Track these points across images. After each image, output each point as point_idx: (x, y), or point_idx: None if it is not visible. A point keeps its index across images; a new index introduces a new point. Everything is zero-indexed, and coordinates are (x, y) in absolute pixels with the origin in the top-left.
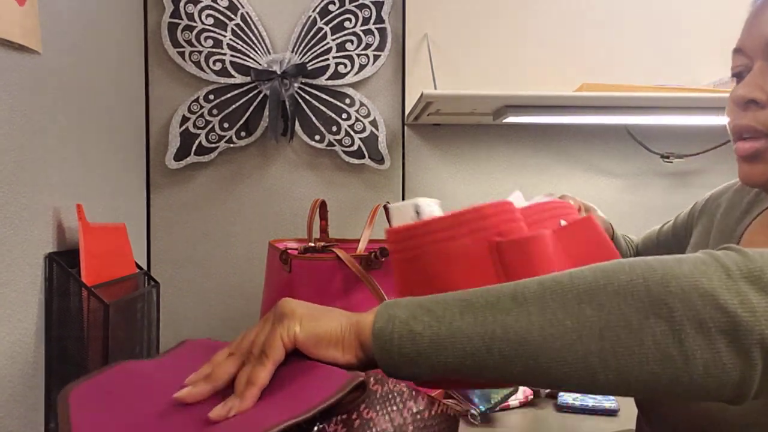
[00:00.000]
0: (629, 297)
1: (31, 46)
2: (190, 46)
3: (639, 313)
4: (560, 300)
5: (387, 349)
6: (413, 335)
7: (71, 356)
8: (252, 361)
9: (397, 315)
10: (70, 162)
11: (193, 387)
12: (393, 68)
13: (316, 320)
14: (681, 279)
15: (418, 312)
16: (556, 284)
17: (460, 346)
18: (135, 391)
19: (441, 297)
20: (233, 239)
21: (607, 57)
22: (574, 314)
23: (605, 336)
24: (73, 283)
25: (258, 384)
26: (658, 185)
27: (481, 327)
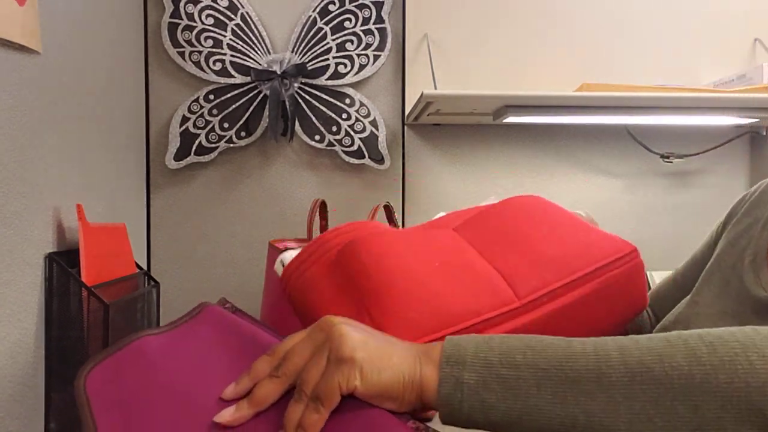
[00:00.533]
0: (728, 403)
1: (31, 46)
2: (190, 46)
3: (735, 420)
4: (651, 393)
5: (455, 416)
6: (485, 407)
7: (71, 356)
8: (304, 400)
9: (465, 380)
10: (70, 162)
11: (236, 411)
12: (393, 68)
13: (377, 372)
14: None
15: (489, 378)
16: (645, 371)
17: (536, 425)
18: (158, 389)
19: (510, 355)
20: (233, 239)
21: (607, 57)
22: (665, 412)
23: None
24: (73, 283)
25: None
26: (658, 185)
27: (561, 408)
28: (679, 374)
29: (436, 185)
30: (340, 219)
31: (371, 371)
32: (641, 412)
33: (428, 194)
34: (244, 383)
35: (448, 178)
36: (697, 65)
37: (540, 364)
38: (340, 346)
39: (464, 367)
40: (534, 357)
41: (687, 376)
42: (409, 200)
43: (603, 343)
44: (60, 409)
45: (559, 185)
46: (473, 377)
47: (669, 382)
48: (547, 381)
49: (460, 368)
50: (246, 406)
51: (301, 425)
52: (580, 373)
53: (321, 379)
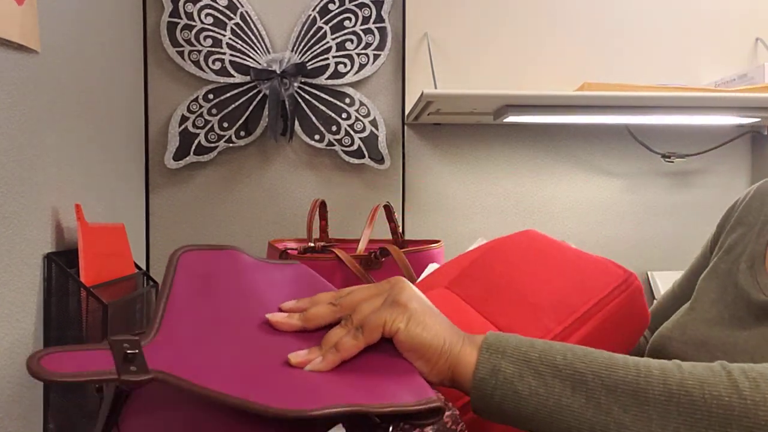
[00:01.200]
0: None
1: (30, 45)
2: (190, 45)
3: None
4: (687, 416)
5: (486, 401)
6: (517, 398)
7: None
8: (348, 327)
9: (502, 369)
10: (68, 162)
11: (288, 317)
12: (393, 68)
13: (422, 326)
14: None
15: (526, 371)
16: (684, 394)
17: (566, 426)
18: (234, 288)
19: (550, 354)
20: (233, 239)
21: (608, 57)
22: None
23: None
24: (71, 284)
25: (344, 355)
26: (659, 185)
27: (593, 413)
28: (718, 403)
29: (436, 185)
30: (340, 219)
31: (417, 323)
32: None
33: (428, 194)
34: (305, 302)
35: (448, 178)
36: (698, 65)
37: (578, 367)
38: (400, 292)
39: (503, 357)
40: (574, 359)
41: (726, 407)
42: (409, 200)
43: (646, 361)
44: (59, 410)
45: (559, 185)
46: (510, 368)
47: (707, 409)
48: (583, 385)
49: (499, 357)
50: (297, 318)
51: (336, 345)
52: (617, 383)
53: (371, 313)
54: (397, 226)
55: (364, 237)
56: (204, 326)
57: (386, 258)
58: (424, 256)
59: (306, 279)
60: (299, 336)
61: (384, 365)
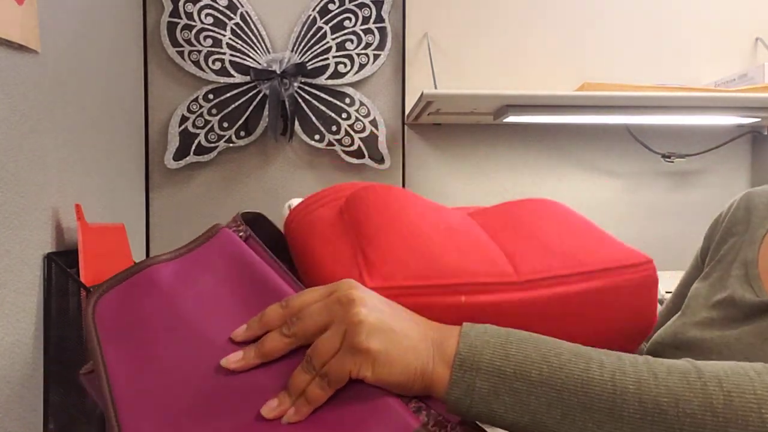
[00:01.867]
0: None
1: (30, 45)
2: (190, 45)
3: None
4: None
5: (462, 415)
6: (493, 414)
7: (70, 357)
8: (312, 373)
9: (477, 387)
10: (68, 162)
11: (242, 359)
12: (393, 68)
13: (389, 366)
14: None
15: (501, 388)
16: (658, 413)
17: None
18: (168, 323)
19: (526, 368)
20: None
21: (608, 57)
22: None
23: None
24: (71, 284)
25: (314, 405)
26: (659, 185)
27: (568, 429)
28: (691, 421)
29: (436, 185)
30: None
31: (383, 365)
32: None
33: (428, 194)
34: (254, 329)
35: (448, 178)
36: (699, 65)
37: (554, 384)
38: (357, 334)
39: (477, 374)
40: (550, 374)
41: (699, 425)
42: None
43: (622, 371)
44: (58, 409)
45: (559, 185)
46: (485, 386)
47: (680, 427)
48: (558, 402)
49: (473, 374)
50: (253, 355)
51: (305, 396)
52: (592, 400)
53: (333, 359)
54: None
55: None
56: (163, 403)
57: None
58: None
59: (235, 261)
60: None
61: (357, 401)
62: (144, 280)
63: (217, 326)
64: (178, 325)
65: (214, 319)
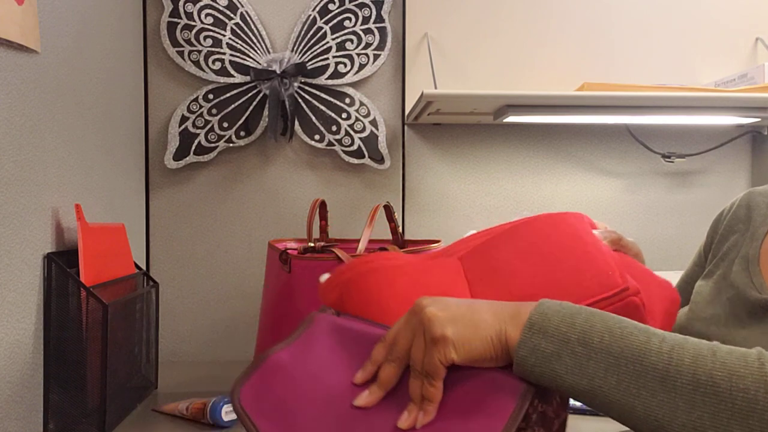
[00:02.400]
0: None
1: (30, 45)
2: (190, 45)
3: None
4: (711, 407)
5: (526, 375)
6: (554, 374)
7: (70, 357)
8: (419, 377)
9: (541, 348)
10: (68, 162)
11: (370, 394)
12: (393, 68)
13: (468, 343)
14: None
15: (563, 351)
16: (711, 385)
17: (598, 402)
18: (301, 393)
19: (589, 335)
20: (233, 239)
21: (608, 57)
22: (720, 426)
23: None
24: (72, 284)
25: (436, 401)
26: (659, 185)
27: (622, 395)
28: (744, 396)
29: (436, 185)
30: (340, 219)
31: (463, 344)
32: (697, 420)
33: (428, 194)
34: (369, 369)
35: (448, 178)
36: (699, 64)
37: (613, 351)
38: (431, 328)
39: (544, 336)
40: (610, 342)
41: (751, 400)
42: (409, 200)
43: (681, 346)
44: (59, 409)
45: (559, 185)
46: (549, 347)
47: (731, 401)
48: (615, 368)
49: (540, 336)
50: (376, 389)
51: (424, 398)
52: (647, 369)
53: (425, 357)
54: (397, 226)
55: (364, 237)
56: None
57: None
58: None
59: (335, 330)
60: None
61: (466, 384)
62: (271, 366)
63: (340, 382)
64: (312, 393)
65: (336, 377)
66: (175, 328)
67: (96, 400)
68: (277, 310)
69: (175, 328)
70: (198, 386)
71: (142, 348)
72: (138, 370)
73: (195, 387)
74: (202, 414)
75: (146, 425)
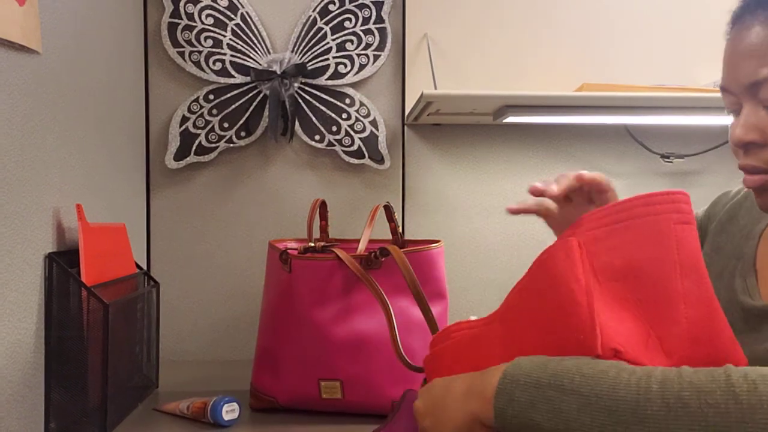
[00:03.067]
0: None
1: (31, 46)
2: (190, 46)
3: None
4: (685, 428)
5: (507, 427)
6: (533, 424)
7: (71, 356)
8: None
9: (516, 398)
10: (69, 162)
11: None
12: (393, 68)
13: (442, 427)
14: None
15: (537, 397)
16: (681, 406)
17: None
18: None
19: (560, 378)
20: (233, 239)
21: (607, 57)
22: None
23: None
24: (72, 284)
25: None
26: (658, 185)
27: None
28: (715, 412)
29: (436, 185)
30: (340, 219)
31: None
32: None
33: (428, 194)
34: None
35: (448, 178)
36: (697, 65)
37: (583, 390)
38: (418, 421)
39: (516, 386)
40: (580, 382)
41: (724, 414)
42: (409, 200)
43: (649, 375)
44: (60, 409)
45: None
46: (524, 396)
47: (703, 418)
48: (587, 407)
49: (513, 386)
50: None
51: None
52: (617, 403)
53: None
54: (397, 226)
55: (364, 237)
56: None
57: (386, 258)
58: (424, 256)
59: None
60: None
61: None
62: None
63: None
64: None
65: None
66: (176, 328)
67: (97, 400)
68: (277, 310)
69: (176, 327)
70: (199, 386)
71: (143, 347)
72: (139, 369)
73: (196, 386)
74: (202, 413)
75: (147, 424)
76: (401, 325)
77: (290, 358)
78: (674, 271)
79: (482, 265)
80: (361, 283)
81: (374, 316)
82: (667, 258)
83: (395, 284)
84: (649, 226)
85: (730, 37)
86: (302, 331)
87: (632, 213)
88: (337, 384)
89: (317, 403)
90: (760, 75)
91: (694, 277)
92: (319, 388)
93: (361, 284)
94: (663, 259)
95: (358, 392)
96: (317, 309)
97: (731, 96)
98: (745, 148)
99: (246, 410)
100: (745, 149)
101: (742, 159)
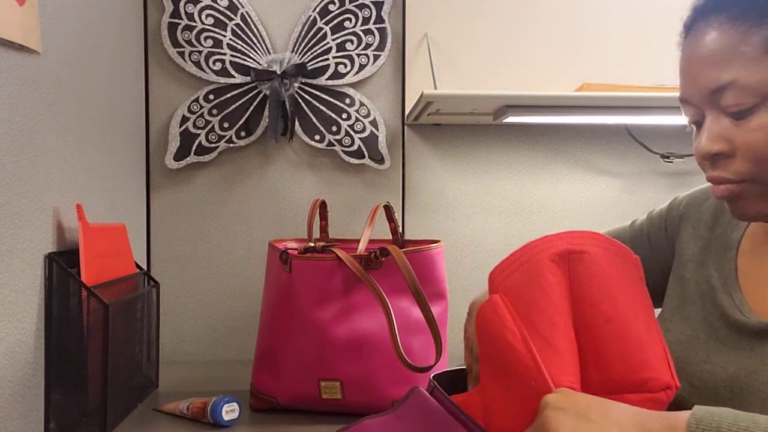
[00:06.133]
0: None
1: (31, 46)
2: (190, 46)
3: None
4: None
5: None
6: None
7: (71, 356)
8: None
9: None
10: (69, 162)
11: None
12: (393, 68)
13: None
14: None
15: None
16: None
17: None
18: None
19: (755, 423)
20: (233, 239)
21: (607, 57)
22: None
23: None
24: (72, 284)
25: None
26: (658, 185)
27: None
28: None
29: (436, 185)
30: (340, 219)
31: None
32: None
33: (428, 194)
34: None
35: (448, 178)
36: None
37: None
38: None
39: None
40: None
41: None
42: (409, 200)
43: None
44: (60, 409)
45: (558, 185)
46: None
47: None
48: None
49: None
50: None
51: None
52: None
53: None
54: (397, 226)
55: (364, 237)
56: None
57: (386, 258)
58: (423, 256)
59: (426, 417)
60: None
61: None
62: (360, 428)
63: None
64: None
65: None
66: (176, 328)
67: (97, 400)
68: (277, 310)
69: (176, 327)
70: (199, 386)
71: (142, 347)
72: (139, 369)
73: (196, 386)
74: (202, 413)
75: (147, 425)
76: (401, 325)
77: (290, 358)
78: (550, 304)
79: (482, 265)
80: (361, 283)
81: (374, 316)
82: (542, 294)
83: (395, 284)
84: (529, 267)
85: (685, 47)
86: (302, 331)
87: (520, 260)
88: (337, 384)
89: (317, 403)
90: (722, 80)
91: (582, 307)
92: (319, 388)
93: (361, 284)
94: (542, 295)
95: (358, 392)
96: (317, 309)
97: (692, 107)
98: (712, 160)
99: (246, 410)
100: (712, 161)
101: (710, 171)
